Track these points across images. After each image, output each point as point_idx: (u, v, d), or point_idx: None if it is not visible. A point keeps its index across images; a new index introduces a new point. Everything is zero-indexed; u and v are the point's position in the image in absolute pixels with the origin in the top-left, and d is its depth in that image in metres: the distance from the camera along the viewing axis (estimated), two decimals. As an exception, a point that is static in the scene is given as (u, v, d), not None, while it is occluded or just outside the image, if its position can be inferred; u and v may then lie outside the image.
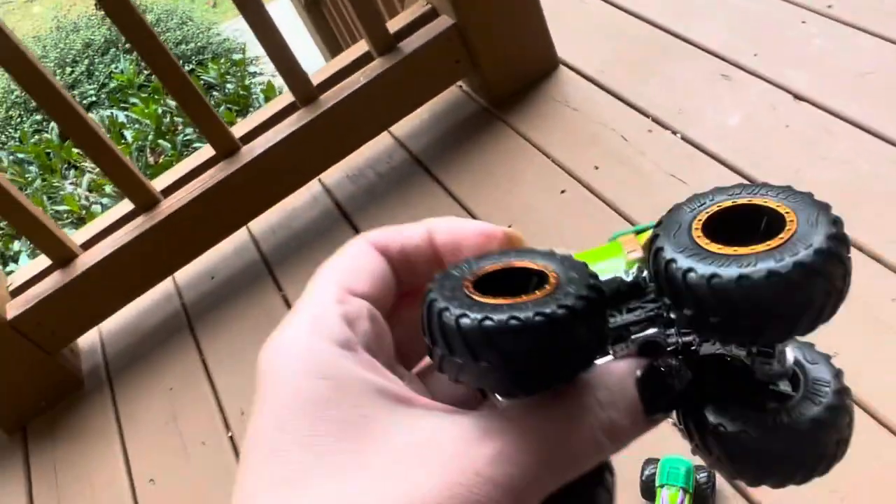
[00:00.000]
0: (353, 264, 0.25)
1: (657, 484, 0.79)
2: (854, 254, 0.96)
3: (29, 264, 1.33)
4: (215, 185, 1.25)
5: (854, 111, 1.11)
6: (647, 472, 0.82)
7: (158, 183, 1.29)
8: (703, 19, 1.38)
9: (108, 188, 2.28)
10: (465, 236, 0.26)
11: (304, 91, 1.28)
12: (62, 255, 1.24)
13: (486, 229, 0.26)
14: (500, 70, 1.37)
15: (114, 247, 1.24)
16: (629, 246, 0.26)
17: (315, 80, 1.29)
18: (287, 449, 0.21)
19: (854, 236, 0.98)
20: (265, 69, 3.18)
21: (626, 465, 0.86)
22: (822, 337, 0.22)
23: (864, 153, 1.07)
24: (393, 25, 1.31)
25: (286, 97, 1.32)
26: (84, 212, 2.23)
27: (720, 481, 0.83)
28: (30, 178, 2.53)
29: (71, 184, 2.46)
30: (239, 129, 1.31)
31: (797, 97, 1.18)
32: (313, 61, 1.24)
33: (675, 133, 1.22)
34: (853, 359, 0.85)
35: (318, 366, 0.22)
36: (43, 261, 1.27)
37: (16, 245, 2.26)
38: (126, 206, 1.29)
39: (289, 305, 1.27)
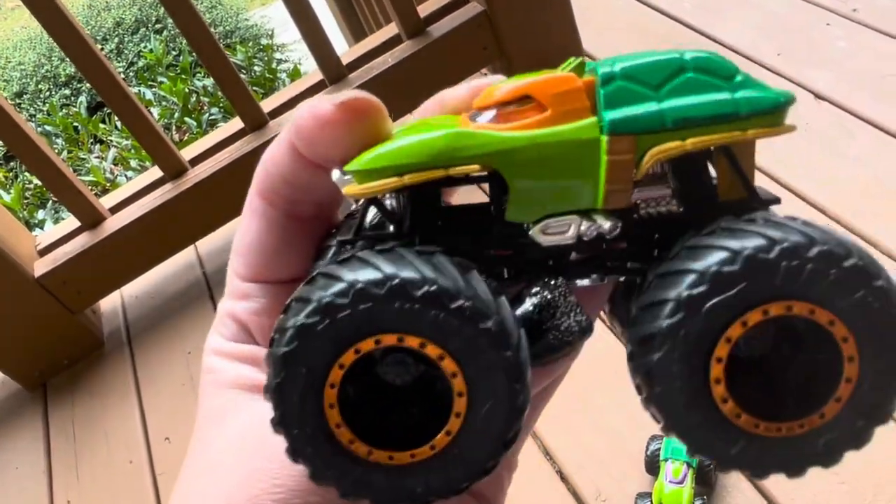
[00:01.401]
0: (244, 238, 0.25)
1: (661, 458, 0.81)
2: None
3: (57, 226, 1.37)
4: (242, 156, 1.28)
5: (874, 111, 1.13)
6: (651, 448, 0.84)
7: (187, 152, 1.32)
8: (729, 19, 1.39)
9: (133, 162, 2.32)
10: (303, 137, 0.21)
11: (333, 69, 1.30)
12: (91, 217, 1.27)
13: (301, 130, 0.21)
14: (526, 59, 1.39)
15: (141, 212, 1.27)
16: (615, 156, 0.17)
17: (344, 60, 1.32)
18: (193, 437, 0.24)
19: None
20: (290, 56, 3.21)
21: (632, 441, 0.88)
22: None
23: (883, 152, 1.08)
24: (423, 9, 1.33)
25: (315, 76, 1.34)
26: (109, 184, 2.27)
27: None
28: (56, 151, 2.57)
29: (96, 157, 2.50)
30: (268, 103, 1.33)
31: (818, 97, 1.19)
32: (337, 48, 1.27)
33: (695, 127, 1.23)
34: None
35: (207, 363, 0.25)
36: (71, 223, 1.31)
37: (40, 214, 2.30)
38: (154, 173, 1.32)
39: (308, 277, 1.30)
